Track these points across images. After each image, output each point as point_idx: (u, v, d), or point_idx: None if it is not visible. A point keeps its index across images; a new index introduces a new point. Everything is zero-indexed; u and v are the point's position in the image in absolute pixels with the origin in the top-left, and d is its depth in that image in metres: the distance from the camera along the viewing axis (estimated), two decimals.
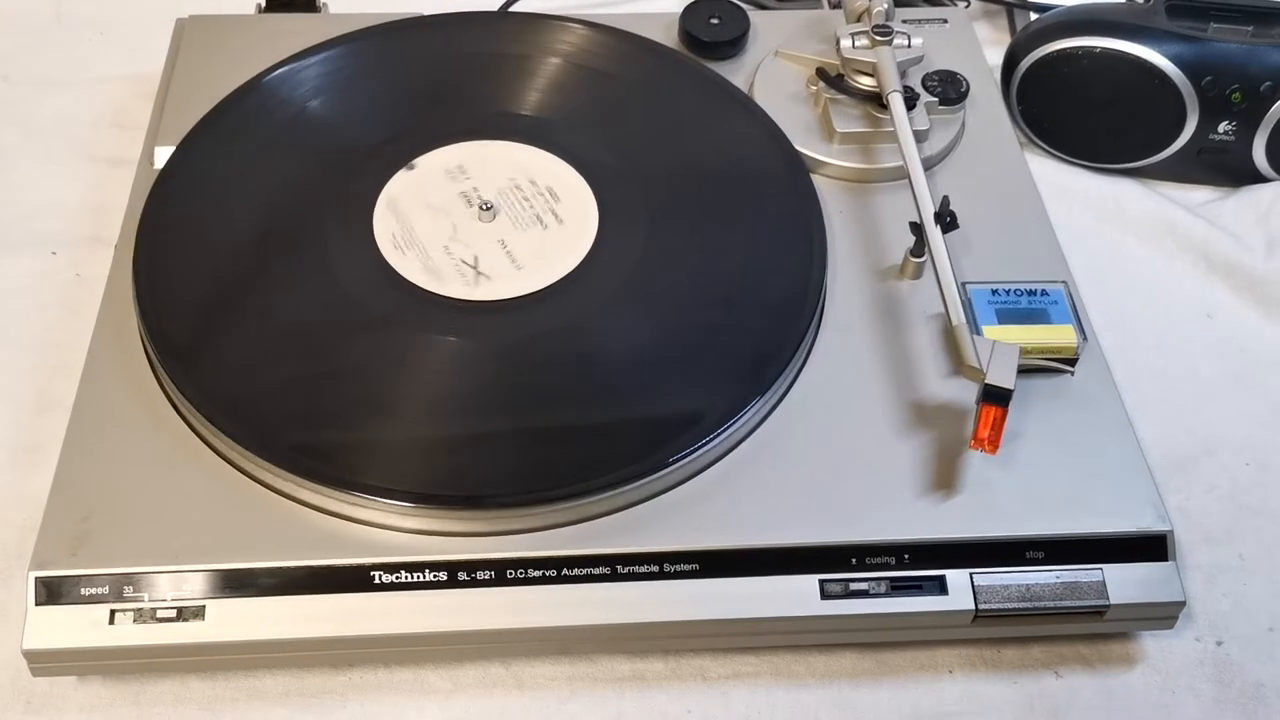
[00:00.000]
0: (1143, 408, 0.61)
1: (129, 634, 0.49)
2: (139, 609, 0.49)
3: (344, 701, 0.52)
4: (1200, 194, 0.75)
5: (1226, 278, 0.70)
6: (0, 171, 0.73)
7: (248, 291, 0.58)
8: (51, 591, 0.49)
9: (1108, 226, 0.72)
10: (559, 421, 0.54)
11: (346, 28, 0.70)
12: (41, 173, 0.73)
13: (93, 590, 0.49)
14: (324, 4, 0.76)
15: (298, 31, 0.70)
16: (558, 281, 0.58)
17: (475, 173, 0.63)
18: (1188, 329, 0.68)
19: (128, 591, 0.49)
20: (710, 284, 0.59)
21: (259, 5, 0.75)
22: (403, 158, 0.63)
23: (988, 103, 0.71)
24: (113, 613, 0.49)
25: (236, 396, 0.53)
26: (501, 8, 0.80)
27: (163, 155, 0.64)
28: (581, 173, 0.63)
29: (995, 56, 0.77)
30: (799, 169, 0.65)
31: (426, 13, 0.73)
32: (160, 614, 0.49)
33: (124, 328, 0.57)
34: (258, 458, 0.51)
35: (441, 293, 0.57)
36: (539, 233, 0.61)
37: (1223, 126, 0.71)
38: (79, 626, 0.49)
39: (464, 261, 0.59)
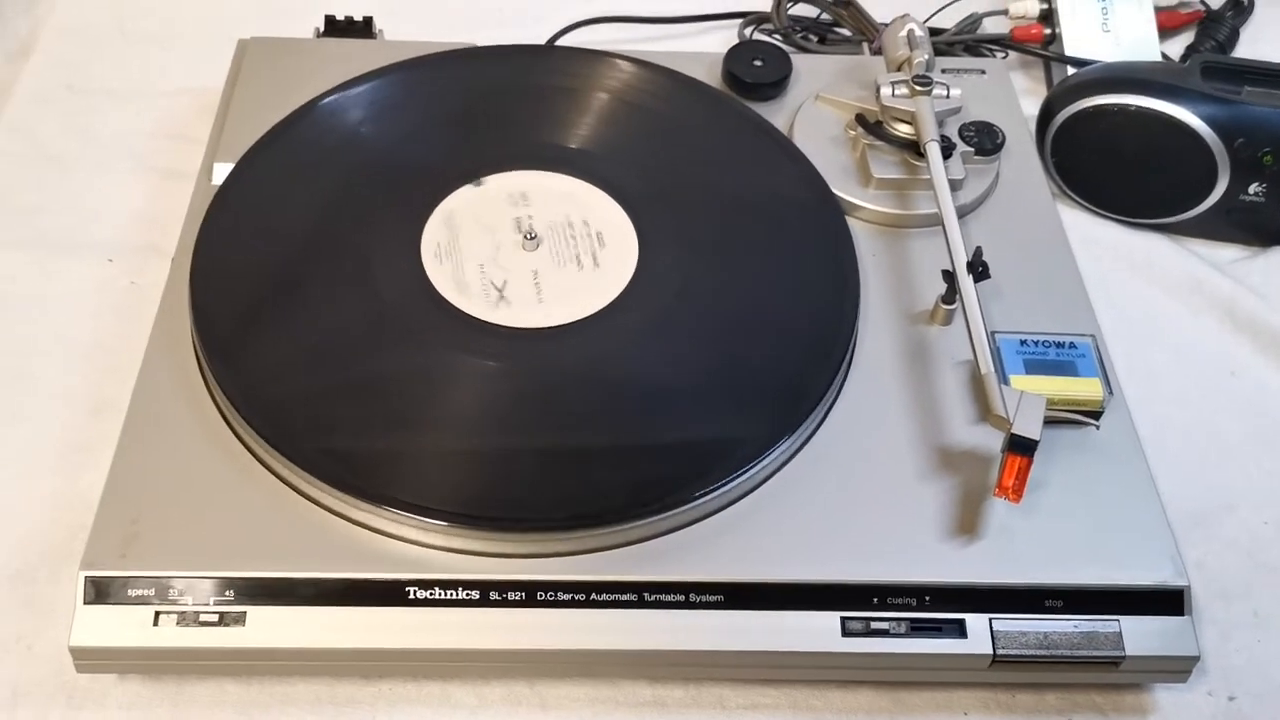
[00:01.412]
0: (1164, 461, 0.62)
1: (171, 636, 0.50)
2: (182, 612, 0.50)
3: (373, 712, 0.54)
4: (1229, 252, 0.76)
5: (1252, 337, 0.70)
6: (62, 178, 0.75)
7: (298, 308, 0.59)
8: (100, 591, 0.51)
9: (1136, 280, 0.73)
10: (594, 450, 0.55)
11: (401, 55, 0.72)
12: (101, 181, 0.75)
13: (139, 592, 0.51)
14: (380, 31, 0.78)
15: (354, 57, 0.72)
16: (598, 312, 0.60)
17: (522, 202, 0.65)
18: (1211, 385, 0.69)
19: (172, 594, 0.51)
20: (745, 321, 0.61)
21: (317, 30, 0.77)
22: (452, 182, 0.65)
23: (1022, 153, 0.72)
24: (157, 614, 0.50)
25: (283, 410, 0.55)
26: (549, 41, 0.82)
27: (221, 172, 0.66)
28: (622, 205, 0.65)
29: (1031, 106, 0.78)
30: (835, 212, 0.66)
31: (479, 43, 0.75)
32: (203, 618, 0.50)
33: (178, 338, 0.59)
34: (302, 470, 0.53)
35: (486, 318, 0.59)
36: (584, 263, 0.62)
37: (1253, 188, 0.72)
38: (124, 626, 0.50)
39: (503, 288, 0.61)
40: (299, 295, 0.60)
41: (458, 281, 0.61)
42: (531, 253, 0.63)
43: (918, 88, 0.69)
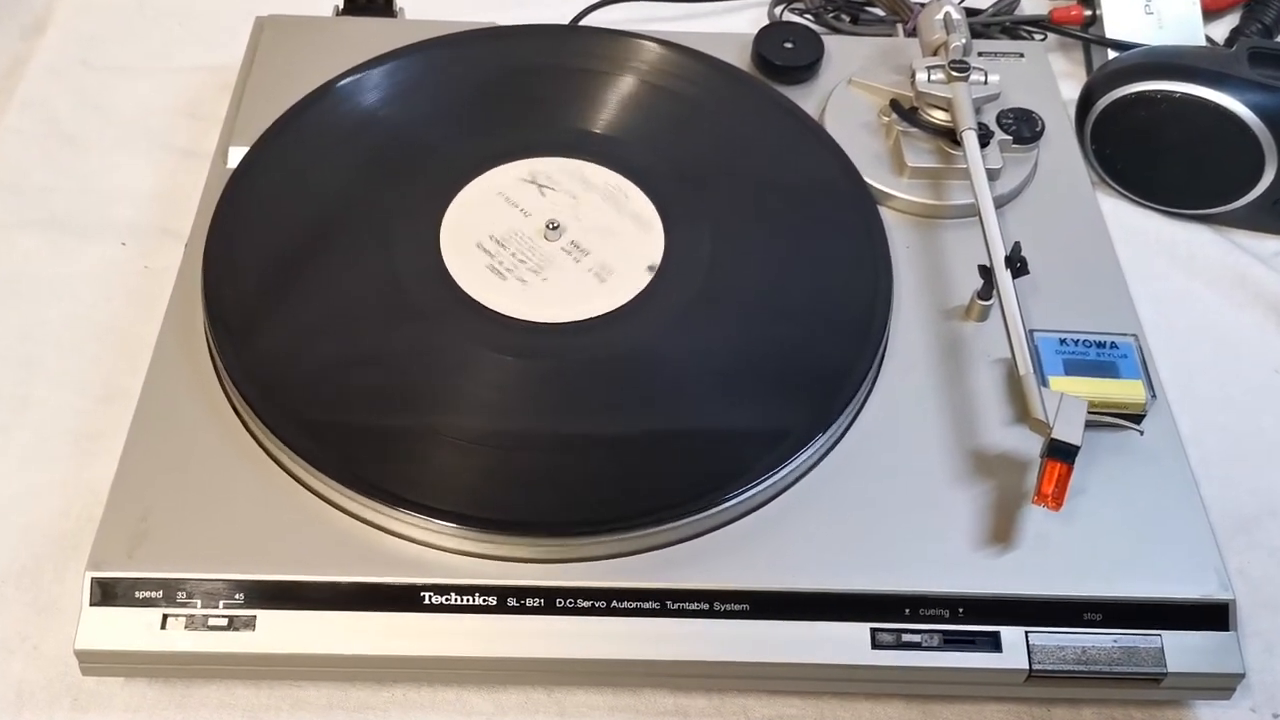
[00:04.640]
0: (1206, 464, 0.60)
1: (180, 639, 0.49)
2: (191, 615, 0.49)
3: (386, 717, 0.52)
4: (1274, 244, 0.73)
5: None
6: (76, 157, 0.74)
7: (312, 299, 0.58)
8: (106, 592, 0.49)
9: (1177, 272, 0.71)
10: (616, 452, 0.54)
11: (421, 34, 0.70)
12: (116, 160, 0.74)
13: (147, 594, 0.49)
14: (400, 9, 0.76)
15: (373, 35, 0.71)
16: (619, 307, 0.58)
17: (546, 190, 0.63)
18: (1255, 384, 0.66)
19: (181, 597, 0.49)
20: (772, 318, 0.59)
21: (336, 8, 0.76)
22: (474, 169, 0.63)
23: (1062, 141, 0.70)
24: (165, 617, 0.49)
25: (296, 406, 0.53)
26: (572, 21, 0.80)
27: (237, 155, 0.64)
28: (648, 194, 0.63)
29: (1070, 89, 0.76)
30: (867, 201, 0.64)
31: (502, 23, 0.73)
32: (212, 622, 0.49)
33: (191, 326, 0.58)
34: (316, 470, 0.51)
35: (507, 312, 0.57)
36: (605, 255, 0.60)
37: None
38: (131, 629, 0.49)
39: (525, 280, 0.59)
40: (313, 285, 0.58)
41: (477, 272, 0.59)
42: (554, 242, 0.61)
43: (954, 73, 0.66)
